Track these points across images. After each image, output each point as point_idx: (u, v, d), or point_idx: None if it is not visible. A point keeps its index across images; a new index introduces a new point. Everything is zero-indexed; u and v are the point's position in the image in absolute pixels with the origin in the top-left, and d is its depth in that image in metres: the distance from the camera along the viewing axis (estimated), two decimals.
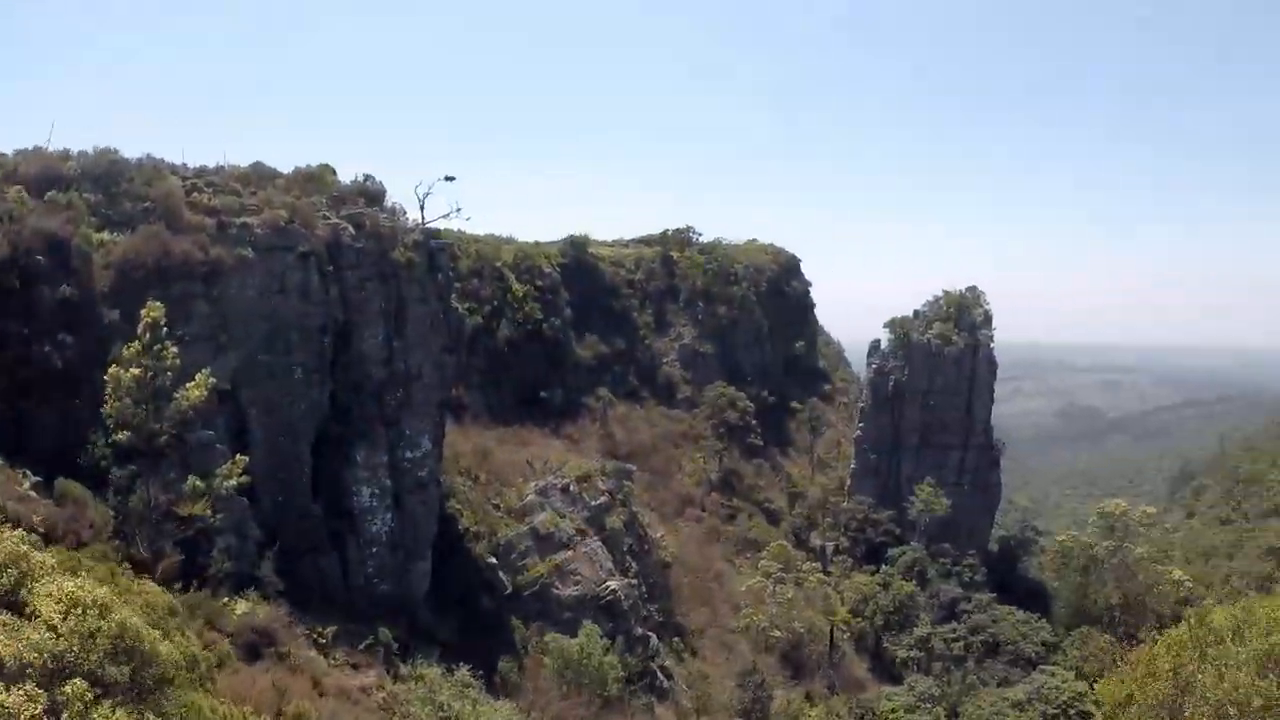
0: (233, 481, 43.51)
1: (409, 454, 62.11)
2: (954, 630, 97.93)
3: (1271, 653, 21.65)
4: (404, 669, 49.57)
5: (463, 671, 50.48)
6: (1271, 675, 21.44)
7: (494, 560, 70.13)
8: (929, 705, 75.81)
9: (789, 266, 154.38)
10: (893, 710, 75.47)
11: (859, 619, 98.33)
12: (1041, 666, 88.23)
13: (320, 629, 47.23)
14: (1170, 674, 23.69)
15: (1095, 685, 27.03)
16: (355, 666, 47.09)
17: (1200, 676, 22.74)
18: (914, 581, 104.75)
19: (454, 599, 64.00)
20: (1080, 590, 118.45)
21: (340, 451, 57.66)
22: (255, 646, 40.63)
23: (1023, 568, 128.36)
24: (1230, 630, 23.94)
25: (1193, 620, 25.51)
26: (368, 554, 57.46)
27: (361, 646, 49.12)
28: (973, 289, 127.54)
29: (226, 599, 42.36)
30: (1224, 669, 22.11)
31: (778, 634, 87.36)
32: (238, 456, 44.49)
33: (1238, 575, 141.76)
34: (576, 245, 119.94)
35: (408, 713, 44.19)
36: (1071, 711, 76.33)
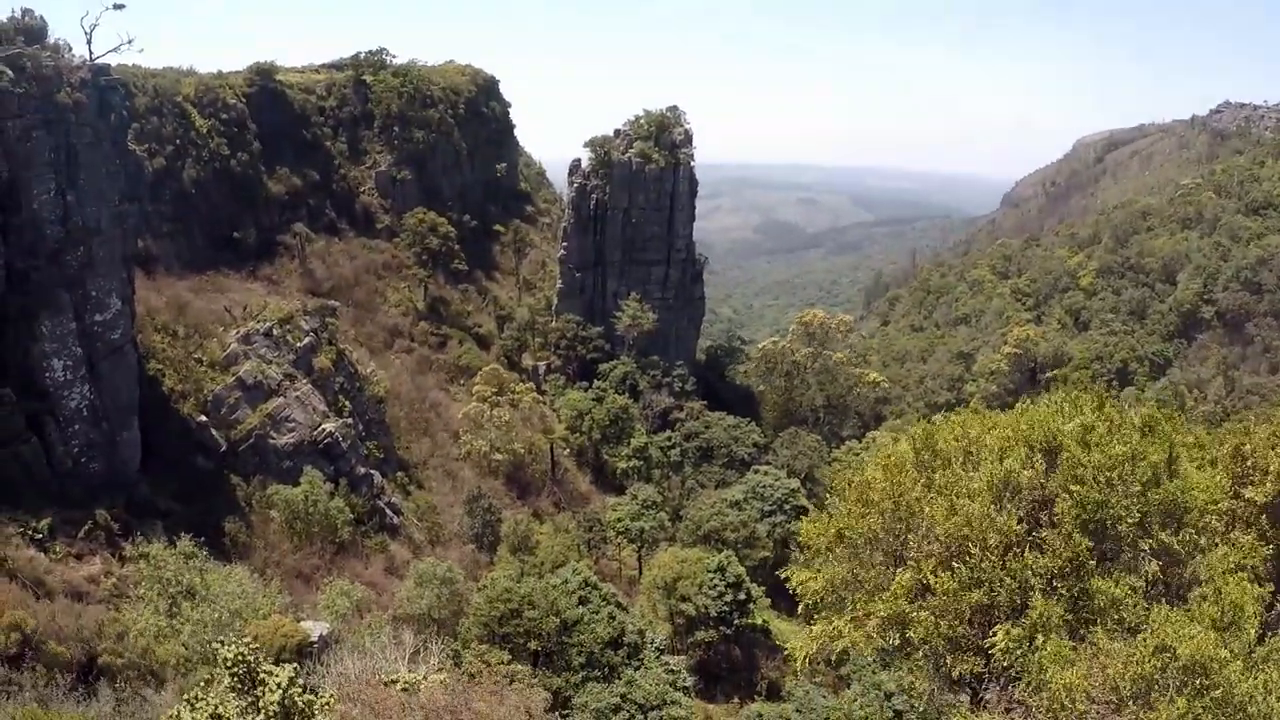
0: None
1: (99, 317, 58.22)
2: (669, 438, 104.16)
3: (1008, 480, 18.73)
4: (128, 549, 47.89)
5: (185, 541, 48.47)
6: (1009, 507, 18.61)
7: (204, 418, 67.86)
8: (652, 511, 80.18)
9: (487, 87, 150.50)
10: (619, 519, 79.77)
11: (577, 435, 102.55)
12: (755, 466, 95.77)
13: (34, 524, 44.66)
14: (890, 504, 20.20)
15: (799, 523, 23.70)
16: (79, 557, 45.13)
17: (928, 509, 19.61)
18: (627, 394, 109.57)
19: (169, 466, 61.61)
20: (785, 394, 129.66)
21: (23, 325, 53.05)
22: None
23: (730, 375, 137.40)
24: (960, 453, 21.01)
25: (918, 440, 21.66)
26: (70, 433, 53.99)
27: (81, 534, 46.94)
28: (673, 109, 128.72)
29: None
30: (955, 499, 19.09)
31: (499, 457, 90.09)
32: None
33: (930, 377, 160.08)
34: (263, 73, 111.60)
35: (139, 596, 43.03)
36: (787, 506, 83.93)
